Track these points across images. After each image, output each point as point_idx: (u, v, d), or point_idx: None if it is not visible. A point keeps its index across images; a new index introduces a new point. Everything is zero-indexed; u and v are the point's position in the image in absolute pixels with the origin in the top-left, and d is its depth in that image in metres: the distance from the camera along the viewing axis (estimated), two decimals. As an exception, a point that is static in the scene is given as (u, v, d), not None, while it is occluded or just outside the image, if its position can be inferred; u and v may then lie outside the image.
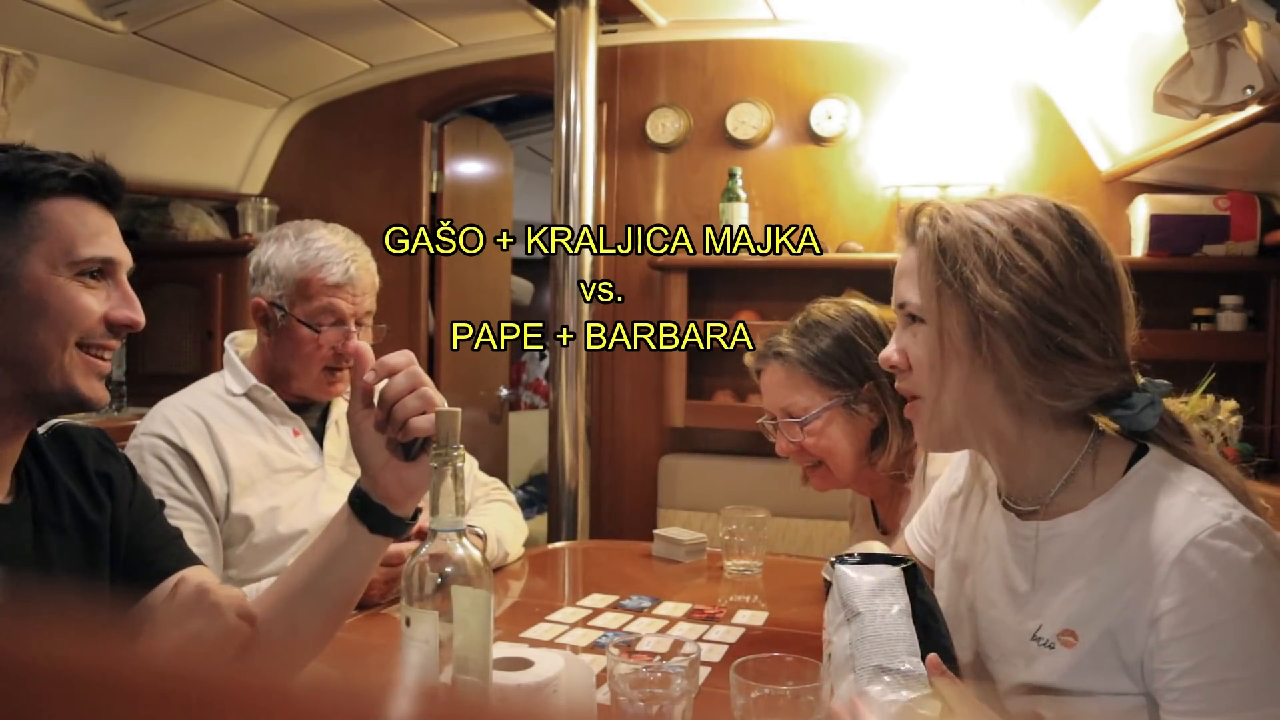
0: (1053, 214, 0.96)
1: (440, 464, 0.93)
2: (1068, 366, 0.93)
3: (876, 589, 0.97)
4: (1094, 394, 0.94)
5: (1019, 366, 0.94)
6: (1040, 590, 0.98)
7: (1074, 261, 0.94)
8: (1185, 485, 0.91)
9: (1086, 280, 0.94)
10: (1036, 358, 0.93)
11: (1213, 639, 0.84)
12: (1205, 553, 0.86)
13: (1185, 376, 2.38)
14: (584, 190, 2.72)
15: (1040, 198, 0.98)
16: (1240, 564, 0.85)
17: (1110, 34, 2.27)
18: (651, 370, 3.01)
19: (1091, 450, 0.97)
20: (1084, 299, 0.93)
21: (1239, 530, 0.86)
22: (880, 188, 2.85)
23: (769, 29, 2.93)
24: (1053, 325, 0.92)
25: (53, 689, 0.30)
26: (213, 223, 3.42)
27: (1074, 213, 0.97)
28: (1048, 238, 0.94)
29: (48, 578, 0.99)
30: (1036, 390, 0.94)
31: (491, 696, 0.95)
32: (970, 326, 0.95)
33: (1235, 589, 0.85)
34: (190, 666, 0.30)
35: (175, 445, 1.56)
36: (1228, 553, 0.85)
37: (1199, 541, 0.86)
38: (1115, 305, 0.95)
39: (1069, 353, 0.93)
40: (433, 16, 2.89)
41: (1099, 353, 0.93)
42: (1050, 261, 0.93)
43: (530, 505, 4.27)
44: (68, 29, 2.43)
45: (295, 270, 1.63)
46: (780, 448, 1.58)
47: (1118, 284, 0.96)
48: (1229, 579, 0.85)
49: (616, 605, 1.58)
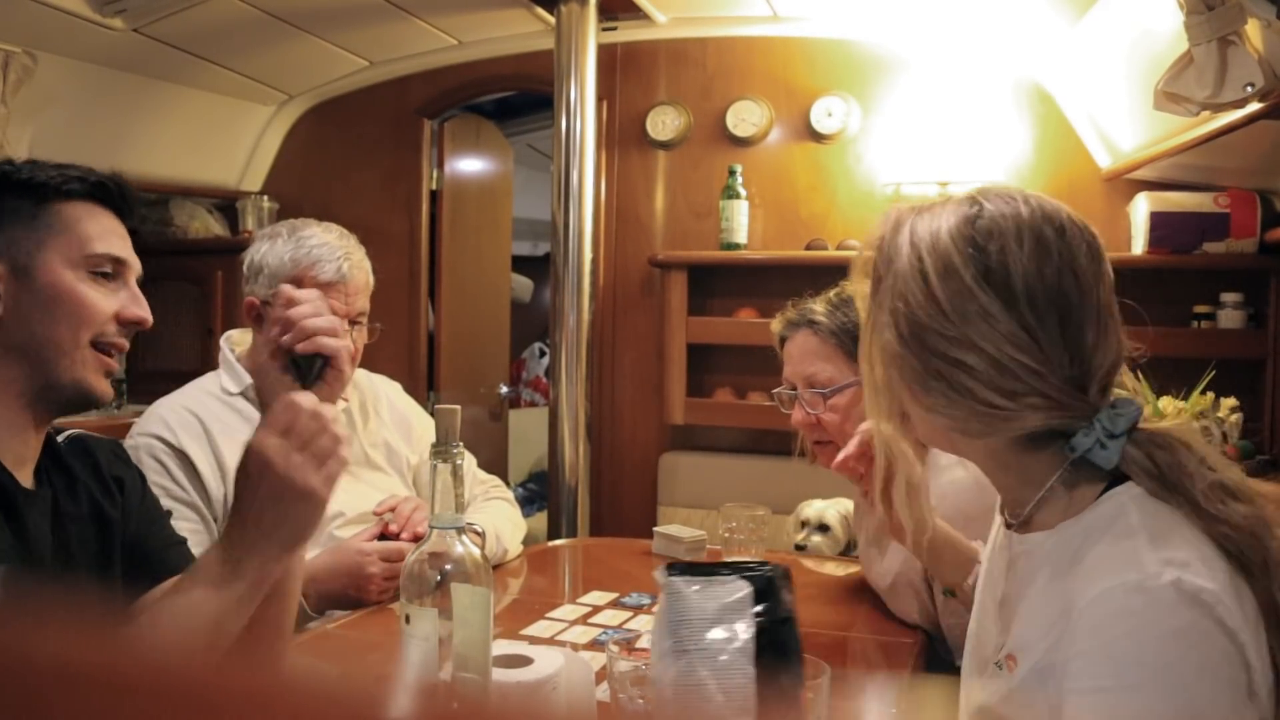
0: (961, 237, 0.86)
1: (440, 461, 0.93)
2: (962, 405, 0.85)
3: (717, 616, 0.85)
4: (1021, 433, 0.85)
5: (914, 404, 0.88)
6: (1007, 605, 0.92)
7: (969, 293, 0.84)
8: (1140, 529, 0.79)
9: (985, 312, 0.83)
10: (929, 393, 0.86)
11: (1101, 705, 0.75)
12: (1115, 608, 0.75)
13: (1185, 374, 2.37)
14: (584, 188, 2.72)
15: (965, 213, 0.87)
16: (1149, 630, 0.74)
17: (1110, 31, 2.26)
18: (652, 367, 3.01)
19: (1068, 471, 0.86)
20: (987, 339, 0.83)
21: (1165, 594, 0.74)
22: (880, 185, 2.85)
23: (769, 26, 2.93)
24: (935, 359, 0.85)
25: (53, 687, 0.30)
26: (212, 220, 3.42)
27: (993, 233, 0.85)
28: (948, 270, 0.85)
29: (65, 564, 1.02)
30: (953, 428, 0.87)
31: (491, 694, 0.95)
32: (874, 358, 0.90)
33: (1135, 657, 0.74)
34: (190, 665, 0.30)
35: (171, 446, 1.56)
36: (1139, 614, 0.74)
37: (1111, 593, 0.76)
38: (1045, 332, 0.84)
39: (961, 391, 0.84)
40: (432, 13, 2.89)
41: (1003, 395, 0.83)
42: (937, 293, 0.85)
43: (530, 503, 4.27)
44: (67, 26, 2.42)
45: (287, 268, 1.62)
46: (796, 418, 1.57)
47: (1055, 311, 0.84)
48: (1132, 643, 0.74)
49: (616, 602, 1.58)
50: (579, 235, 2.72)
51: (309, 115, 3.43)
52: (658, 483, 2.98)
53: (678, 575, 0.86)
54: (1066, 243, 0.85)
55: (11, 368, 0.97)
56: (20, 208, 0.98)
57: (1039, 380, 0.83)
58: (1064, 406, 0.84)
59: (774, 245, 2.93)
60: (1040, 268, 0.84)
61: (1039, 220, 0.86)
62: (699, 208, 3.00)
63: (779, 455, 1.64)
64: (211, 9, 2.54)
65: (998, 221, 0.86)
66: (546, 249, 3.68)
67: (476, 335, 3.64)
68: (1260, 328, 2.51)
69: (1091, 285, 0.86)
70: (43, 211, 0.99)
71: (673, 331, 2.90)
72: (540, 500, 4.12)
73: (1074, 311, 0.84)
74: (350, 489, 1.72)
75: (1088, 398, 0.85)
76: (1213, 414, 2.28)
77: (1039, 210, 0.87)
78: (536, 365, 5.51)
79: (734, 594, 0.85)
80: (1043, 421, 0.84)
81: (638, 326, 3.07)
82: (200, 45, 2.78)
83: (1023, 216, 0.86)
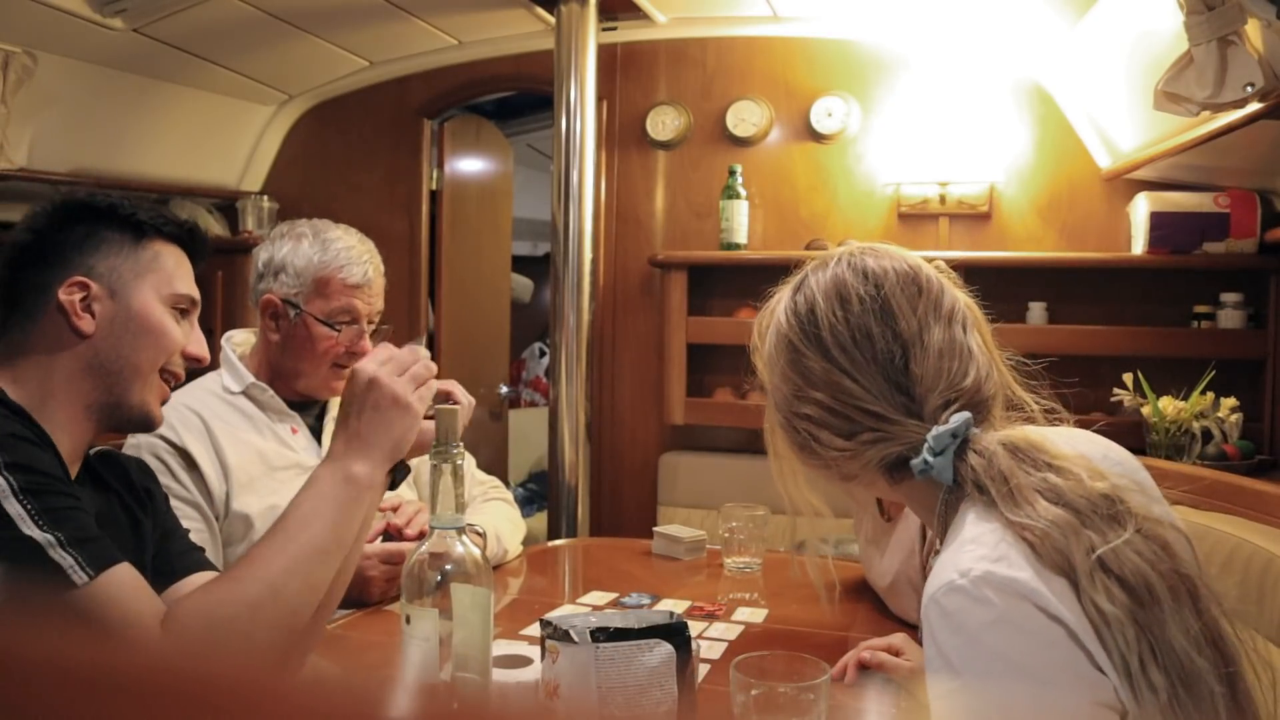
0: (787, 312, 0.97)
1: (440, 462, 0.93)
2: (821, 454, 0.94)
3: (648, 679, 0.88)
4: (876, 466, 0.92)
5: (802, 465, 0.97)
6: None
7: (796, 353, 0.94)
8: (968, 537, 0.83)
9: (807, 367, 0.93)
10: (801, 451, 0.96)
11: (952, 709, 0.78)
12: (938, 612, 0.79)
13: (1185, 374, 2.38)
14: (584, 188, 2.72)
15: (792, 289, 0.99)
16: (970, 624, 0.77)
17: (1110, 31, 2.26)
18: (651, 368, 3.01)
19: (949, 493, 0.90)
20: (817, 388, 0.93)
21: (973, 589, 0.77)
22: (880, 185, 2.85)
23: (769, 26, 2.93)
24: (792, 418, 0.95)
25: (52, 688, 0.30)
26: (212, 220, 3.42)
27: (808, 298, 0.95)
28: (780, 343, 0.97)
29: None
30: (832, 477, 0.96)
31: (491, 694, 0.95)
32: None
33: (965, 653, 0.77)
34: (191, 665, 0.30)
35: (173, 444, 1.56)
36: (959, 612, 0.78)
37: (934, 599, 0.80)
38: (860, 371, 0.91)
39: (816, 441, 0.94)
40: (433, 14, 2.89)
41: (844, 436, 0.92)
42: (778, 363, 0.97)
43: (530, 503, 4.27)
44: (67, 26, 2.42)
45: (315, 269, 1.65)
46: None
47: (864, 350, 0.91)
48: (960, 640, 0.78)
49: (616, 603, 1.58)
50: (579, 235, 2.72)
51: (309, 115, 3.43)
52: (658, 483, 2.98)
53: (602, 639, 0.90)
54: (875, 287, 0.93)
55: (88, 380, 1.05)
56: (123, 240, 1.08)
57: (869, 417, 0.90)
58: (894, 437, 0.90)
59: (774, 245, 2.93)
60: (845, 315, 0.92)
61: (845, 275, 0.95)
62: (699, 208, 3.00)
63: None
64: (211, 9, 2.54)
65: (812, 288, 0.96)
66: (546, 249, 3.68)
67: (476, 335, 3.64)
68: (1260, 328, 2.51)
69: (908, 320, 0.91)
70: (141, 247, 1.09)
71: (672, 331, 2.90)
72: (540, 500, 4.12)
73: (887, 347, 0.91)
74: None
75: (923, 422, 0.89)
76: (1213, 414, 2.28)
77: (851, 266, 0.95)
78: (536, 365, 5.51)
79: (657, 653, 0.90)
80: (882, 453, 0.90)
81: (638, 326, 3.07)
82: (200, 45, 2.78)
83: (832, 277, 0.95)
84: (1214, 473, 2.07)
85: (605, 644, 0.90)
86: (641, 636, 0.91)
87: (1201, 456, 2.21)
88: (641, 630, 0.92)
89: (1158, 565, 0.79)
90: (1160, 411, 2.31)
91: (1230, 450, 2.20)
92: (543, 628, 0.94)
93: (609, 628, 0.91)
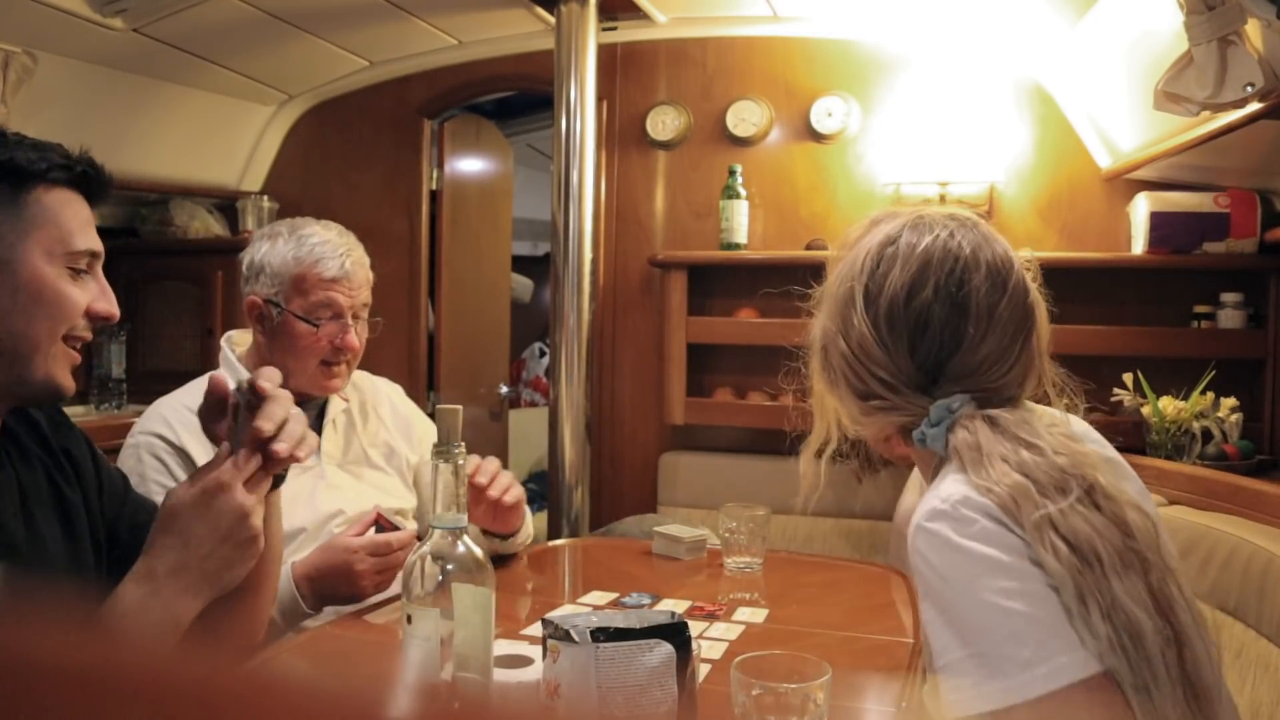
0: (872, 255, 1.00)
1: (441, 461, 0.93)
2: (836, 394, 1.02)
3: (648, 679, 0.89)
4: (890, 428, 1.00)
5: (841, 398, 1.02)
6: None
7: (849, 298, 0.99)
8: (941, 487, 0.90)
9: (849, 316, 0.99)
10: (855, 394, 1.01)
11: (942, 624, 0.84)
12: (924, 535, 0.87)
13: (1185, 374, 2.38)
14: (584, 188, 2.72)
15: (889, 233, 1.01)
16: (953, 540, 0.85)
17: (1110, 31, 2.26)
18: (652, 367, 3.01)
19: (939, 462, 0.98)
20: (848, 337, 0.99)
21: (953, 510, 0.86)
22: (880, 185, 2.85)
23: (769, 26, 2.93)
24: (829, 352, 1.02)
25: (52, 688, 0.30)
26: (212, 220, 3.42)
27: (893, 257, 0.98)
28: (843, 278, 1.02)
29: (38, 550, 1.00)
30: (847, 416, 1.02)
31: (493, 694, 0.95)
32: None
33: (951, 560, 0.85)
34: (189, 665, 0.30)
35: (172, 444, 1.56)
36: (940, 533, 0.86)
37: (919, 525, 0.88)
38: (896, 346, 0.96)
39: (836, 376, 1.01)
40: (433, 13, 2.89)
41: (858, 395, 0.99)
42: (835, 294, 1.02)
43: (530, 502, 4.25)
44: (67, 26, 2.42)
45: (290, 266, 1.64)
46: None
47: (910, 331, 0.96)
48: (945, 554, 0.85)
49: (617, 603, 1.58)
50: (579, 235, 2.72)
51: (309, 115, 3.43)
52: (658, 483, 2.98)
53: (602, 639, 0.90)
54: (960, 282, 0.95)
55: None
56: (0, 194, 0.94)
57: (883, 386, 0.96)
58: (900, 408, 0.96)
59: (774, 245, 2.93)
60: (911, 298, 0.95)
61: (937, 252, 0.96)
62: (699, 208, 3.00)
63: (779, 455, 1.63)
64: (211, 9, 2.53)
65: (901, 248, 0.98)
66: (546, 249, 3.68)
67: (476, 335, 3.64)
68: (1260, 328, 2.51)
69: (976, 326, 0.94)
70: (24, 199, 0.95)
71: (673, 331, 2.90)
72: (540, 500, 4.12)
73: (938, 341, 0.95)
74: (349, 488, 1.72)
75: (929, 398, 0.96)
76: (1213, 414, 2.28)
77: (951, 241, 0.96)
78: (536, 365, 5.51)
79: (657, 653, 0.90)
80: (889, 419, 0.98)
81: (638, 326, 3.07)
82: (200, 45, 2.78)
83: (924, 249, 0.96)
84: (1214, 473, 2.08)
85: (606, 644, 0.89)
86: (642, 636, 0.91)
87: (1201, 456, 2.21)
88: (642, 630, 0.92)
89: (1105, 534, 0.84)
90: (1160, 411, 2.32)
91: (1230, 450, 2.20)
92: (544, 627, 0.94)
93: (610, 627, 0.91)
